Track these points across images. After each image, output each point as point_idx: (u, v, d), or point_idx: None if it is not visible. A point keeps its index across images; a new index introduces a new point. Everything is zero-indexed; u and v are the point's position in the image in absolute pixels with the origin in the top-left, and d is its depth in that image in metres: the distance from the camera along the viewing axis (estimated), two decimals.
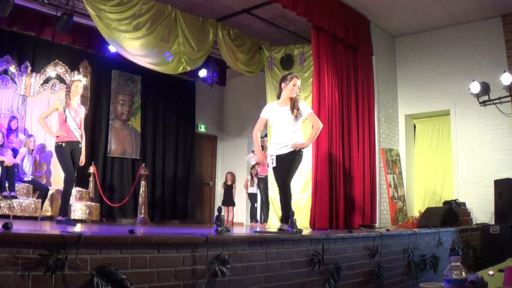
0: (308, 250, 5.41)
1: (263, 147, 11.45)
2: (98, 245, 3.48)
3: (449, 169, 10.96)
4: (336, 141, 9.44)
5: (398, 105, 11.59)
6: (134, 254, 3.68)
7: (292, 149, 6.42)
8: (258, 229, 8.85)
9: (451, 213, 9.33)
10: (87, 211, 9.73)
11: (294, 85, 6.60)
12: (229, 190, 12.92)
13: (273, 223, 10.30)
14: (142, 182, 10.79)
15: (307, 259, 5.38)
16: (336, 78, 9.61)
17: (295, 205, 9.41)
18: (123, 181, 11.97)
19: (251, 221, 12.08)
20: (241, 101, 14.36)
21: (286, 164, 6.42)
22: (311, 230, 8.59)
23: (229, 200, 12.77)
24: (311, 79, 9.82)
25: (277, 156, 6.48)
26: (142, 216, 10.57)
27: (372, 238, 6.50)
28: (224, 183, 13.23)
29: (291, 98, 6.59)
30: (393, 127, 11.32)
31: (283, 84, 6.67)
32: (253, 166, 12.20)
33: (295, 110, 6.50)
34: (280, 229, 6.22)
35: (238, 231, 7.21)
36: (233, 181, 13.04)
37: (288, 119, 6.53)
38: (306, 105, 6.71)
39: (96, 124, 11.62)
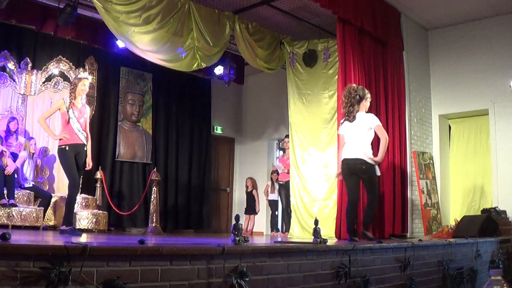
0: (333, 262, 5.36)
1: (284, 150, 11.56)
2: (105, 257, 3.44)
3: (488, 174, 10.86)
4: None
5: (431, 104, 11.52)
6: (144, 266, 3.65)
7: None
8: (279, 239, 9.09)
9: (491, 222, 9.25)
10: (94, 220, 9.76)
11: (369, 101, 7.84)
12: (249, 197, 12.92)
13: (296, 233, 10.34)
14: (154, 189, 10.79)
15: (332, 272, 5.33)
16: (363, 75, 9.56)
17: (319, 213, 9.75)
18: (133, 187, 12.02)
19: (272, 231, 12.11)
20: (261, 101, 14.40)
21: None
22: (336, 240, 8.64)
23: (249, 208, 12.78)
24: (336, 77, 9.81)
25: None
26: (153, 225, 10.58)
27: (404, 249, 6.47)
28: (246, 190, 13.24)
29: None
30: (426, 128, 11.23)
31: (365, 102, 7.65)
32: (273, 172, 12.24)
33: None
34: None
35: (257, 241, 7.23)
36: (254, 187, 13.02)
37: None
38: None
39: (103, 126, 11.68)
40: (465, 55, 11.15)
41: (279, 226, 12.27)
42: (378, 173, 7.75)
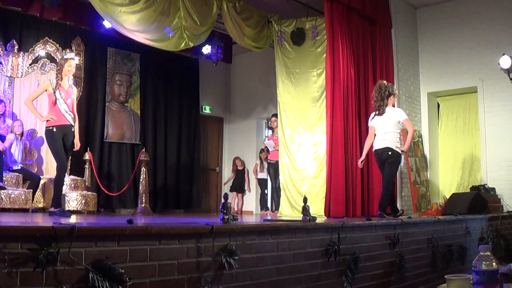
0: (323, 239, 5.40)
1: (273, 129, 11.54)
2: (94, 237, 3.44)
3: (477, 152, 10.98)
4: (352, 122, 9.50)
5: (420, 82, 11.61)
6: (133, 246, 3.65)
7: None
8: (269, 218, 9.32)
9: (480, 200, 9.31)
10: (83, 201, 9.72)
11: (396, 96, 8.48)
12: (241, 176, 12.99)
13: (285, 211, 10.34)
14: (143, 169, 10.69)
15: (321, 250, 5.36)
16: (351, 53, 9.62)
17: (308, 191, 9.74)
18: (121, 168, 12.00)
19: (261, 209, 12.11)
20: (249, 80, 14.40)
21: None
22: (326, 218, 8.65)
23: (238, 186, 12.86)
24: (325, 55, 9.83)
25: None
26: (143, 205, 10.51)
27: (393, 226, 6.50)
28: (235, 169, 13.27)
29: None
30: (414, 106, 11.33)
31: (392, 97, 8.16)
32: (262, 150, 12.24)
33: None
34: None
35: (246, 220, 7.34)
36: (245, 166, 13.02)
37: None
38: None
39: (91, 107, 11.63)
40: (454, 33, 11.19)
41: (269, 205, 12.32)
42: (401, 163, 8.44)
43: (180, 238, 3.97)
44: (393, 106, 8.25)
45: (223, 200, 4.90)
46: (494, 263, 2.40)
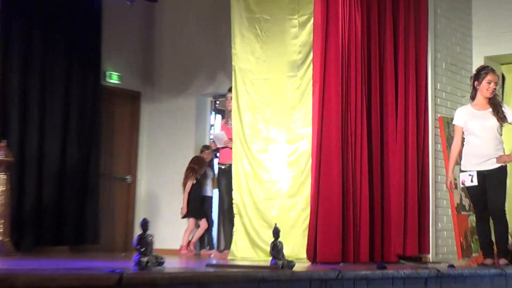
0: None
1: (224, 113, 13.04)
2: None
3: None
4: (356, 106, 9.53)
5: (471, 40, 11.73)
6: None
7: (498, 164, 8.72)
8: (213, 262, 9.54)
9: None
10: None
11: (489, 83, 8.86)
12: (195, 191, 12.71)
13: (241, 250, 10.33)
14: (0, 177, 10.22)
15: None
16: None
17: (280, 218, 9.65)
18: None
19: (202, 247, 12.45)
20: (185, 31, 14.22)
21: (495, 182, 8.71)
22: (310, 263, 8.87)
23: (195, 208, 12.57)
24: None
25: (478, 173, 8.72)
26: None
27: (423, 280, 6.76)
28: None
29: (489, 99, 8.89)
30: (461, 79, 11.30)
31: (476, 83, 8.95)
32: (207, 147, 12.65)
33: (500, 115, 8.78)
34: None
35: (178, 263, 8.03)
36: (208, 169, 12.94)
37: (491, 127, 8.85)
38: (509, 109, 9.04)
39: None
40: None
41: (215, 240, 12.62)
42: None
43: None
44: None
45: (140, 231, 5.00)
46: None
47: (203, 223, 12.58)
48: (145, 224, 4.96)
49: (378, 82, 9.95)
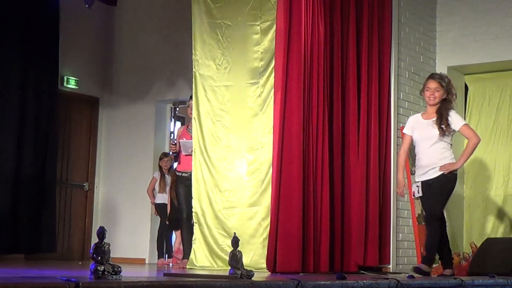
0: None
1: (184, 120, 12.15)
2: None
3: None
4: (318, 115, 9.54)
5: (435, 49, 11.85)
6: None
7: (440, 173, 8.69)
8: (172, 271, 9.89)
9: None
10: None
11: (427, 90, 8.94)
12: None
13: (200, 259, 10.27)
14: None
15: None
16: None
17: (240, 227, 9.79)
18: None
19: (160, 256, 12.50)
20: (145, 36, 14.31)
21: (436, 190, 8.74)
22: (269, 273, 8.81)
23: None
24: None
25: (423, 183, 8.81)
26: None
27: None
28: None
29: (438, 108, 8.90)
30: None
31: (422, 92, 9.09)
32: (165, 155, 12.64)
33: (442, 125, 8.76)
34: (418, 270, 8.51)
35: (135, 273, 7.81)
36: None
37: (430, 136, 8.83)
38: (458, 117, 9.00)
39: None
40: None
41: (174, 249, 12.50)
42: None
43: None
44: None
45: (96, 240, 4.88)
46: None
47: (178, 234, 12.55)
48: (101, 233, 4.79)
49: (341, 91, 10.00)
